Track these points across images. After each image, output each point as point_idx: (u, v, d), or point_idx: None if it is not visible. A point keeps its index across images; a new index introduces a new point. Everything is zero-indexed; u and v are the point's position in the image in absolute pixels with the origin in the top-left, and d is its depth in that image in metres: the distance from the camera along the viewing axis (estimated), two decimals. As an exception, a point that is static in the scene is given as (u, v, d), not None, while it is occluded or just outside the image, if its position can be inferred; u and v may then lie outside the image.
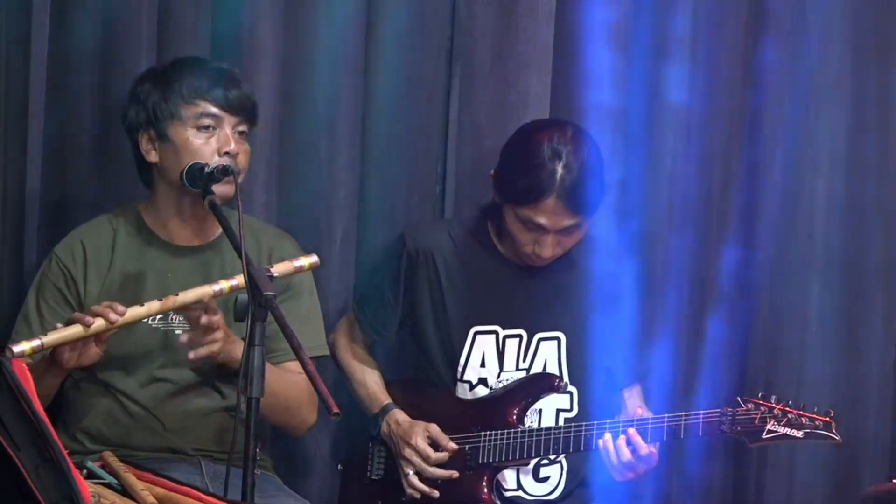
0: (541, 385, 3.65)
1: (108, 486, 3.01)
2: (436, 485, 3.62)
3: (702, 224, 4.11)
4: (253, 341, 2.89)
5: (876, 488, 3.57)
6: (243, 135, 3.41)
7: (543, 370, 3.68)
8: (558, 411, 3.69)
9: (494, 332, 3.69)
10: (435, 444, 3.62)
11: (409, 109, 3.96)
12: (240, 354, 3.23)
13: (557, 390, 3.65)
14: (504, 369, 3.69)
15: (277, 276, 3.12)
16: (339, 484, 3.86)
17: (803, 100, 4.12)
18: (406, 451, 3.62)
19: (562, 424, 3.64)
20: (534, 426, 3.64)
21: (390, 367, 3.85)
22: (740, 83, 4.12)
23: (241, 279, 3.09)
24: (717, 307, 4.13)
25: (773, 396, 3.54)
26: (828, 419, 3.52)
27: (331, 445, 3.93)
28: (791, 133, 4.12)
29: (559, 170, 3.51)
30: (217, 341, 3.26)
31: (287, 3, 3.82)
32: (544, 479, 3.69)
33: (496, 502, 3.63)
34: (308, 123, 3.87)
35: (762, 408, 3.52)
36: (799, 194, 4.12)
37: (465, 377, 3.69)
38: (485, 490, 3.60)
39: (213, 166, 3.28)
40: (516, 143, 3.64)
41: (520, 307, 3.70)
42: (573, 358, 3.68)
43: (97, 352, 3.24)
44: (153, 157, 3.41)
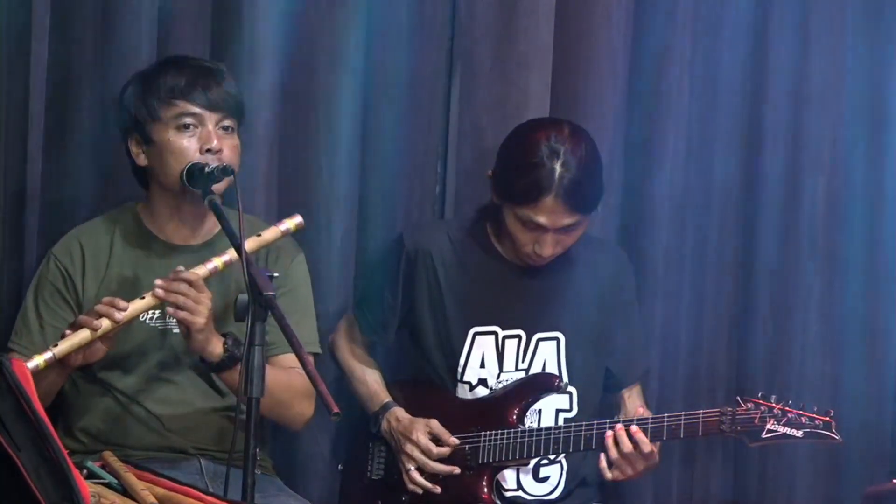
0: (541, 385, 3.66)
1: (109, 486, 3.01)
2: (437, 480, 3.62)
3: (702, 223, 4.11)
4: (253, 341, 2.88)
5: (876, 488, 3.56)
6: (228, 130, 3.40)
7: (543, 370, 3.68)
8: (558, 411, 3.69)
9: (494, 333, 3.69)
10: (436, 440, 3.62)
11: (409, 109, 3.96)
12: (214, 348, 3.24)
13: (557, 390, 3.65)
14: (504, 370, 3.69)
15: (266, 242, 3.15)
16: (339, 484, 3.86)
17: (804, 100, 4.12)
18: (407, 447, 3.62)
19: (561, 424, 3.64)
20: (534, 426, 3.64)
21: (390, 368, 3.85)
22: (741, 83, 4.12)
23: (234, 253, 3.14)
24: (718, 307, 4.14)
25: (773, 396, 3.54)
26: (828, 419, 3.52)
27: (331, 445, 3.93)
28: (792, 133, 4.12)
29: (557, 168, 3.51)
30: (185, 295, 3.21)
31: (287, 3, 3.82)
32: (544, 479, 3.69)
33: (496, 502, 3.63)
34: (308, 123, 3.87)
35: (762, 407, 3.52)
36: (799, 194, 4.12)
37: (465, 378, 3.69)
38: (485, 490, 3.61)
39: (213, 166, 3.28)
40: (513, 143, 3.64)
41: (518, 307, 3.70)
42: (572, 358, 3.69)
43: (104, 349, 3.25)
44: (143, 161, 3.41)
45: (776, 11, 4.11)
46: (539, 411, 3.68)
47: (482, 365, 3.69)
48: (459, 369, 3.69)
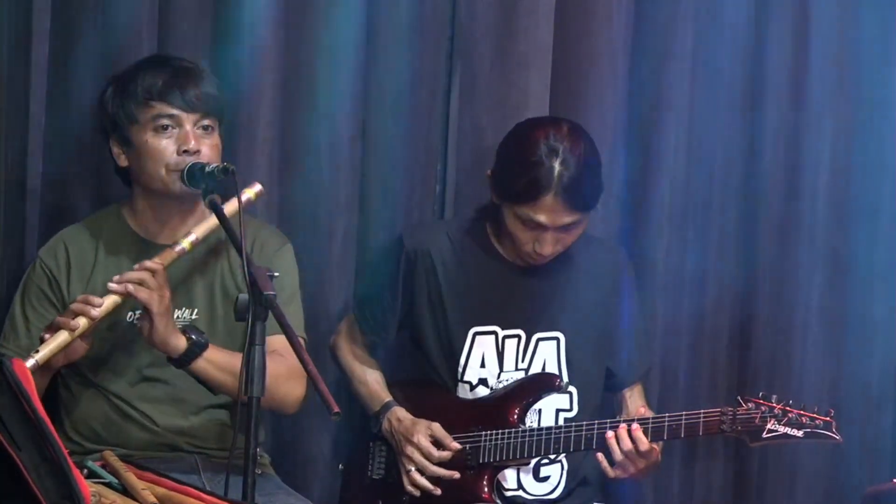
0: (541, 385, 3.65)
1: (109, 486, 3.02)
2: (437, 481, 3.62)
3: (702, 223, 4.11)
4: (253, 341, 2.88)
5: (876, 488, 3.57)
6: (208, 129, 3.38)
7: (543, 370, 3.68)
8: (558, 411, 3.69)
9: (494, 333, 3.69)
10: (438, 443, 3.62)
11: (409, 109, 3.95)
12: (178, 340, 3.24)
13: (557, 390, 3.65)
14: (504, 369, 3.69)
15: (231, 215, 3.11)
16: (340, 483, 3.86)
17: (804, 99, 4.12)
18: (408, 449, 3.62)
19: (562, 424, 3.64)
20: (534, 426, 3.64)
21: (390, 368, 3.85)
22: (741, 84, 4.12)
23: (200, 233, 3.22)
24: (718, 306, 4.14)
25: (774, 396, 3.54)
26: (828, 419, 3.53)
27: (331, 445, 3.92)
28: (792, 132, 4.13)
29: (557, 167, 3.51)
30: (144, 279, 3.21)
31: (287, 3, 3.82)
32: (544, 479, 3.69)
33: (497, 502, 3.63)
34: (308, 123, 3.87)
35: (762, 407, 3.52)
36: (799, 194, 4.12)
37: (466, 378, 3.69)
38: (485, 489, 3.60)
39: (214, 166, 3.28)
40: (512, 142, 3.64)
41: (518, 307, 3.70)
42: (572, 358, 3.68)
43: (84, 346, 3.25)
44: (123, 162, 3.42)
45: (776, 11, 4.11)
46: (539, 411, 3.67)
47: (482, 365, 3.69)
48: (460, 369, 3.69)
